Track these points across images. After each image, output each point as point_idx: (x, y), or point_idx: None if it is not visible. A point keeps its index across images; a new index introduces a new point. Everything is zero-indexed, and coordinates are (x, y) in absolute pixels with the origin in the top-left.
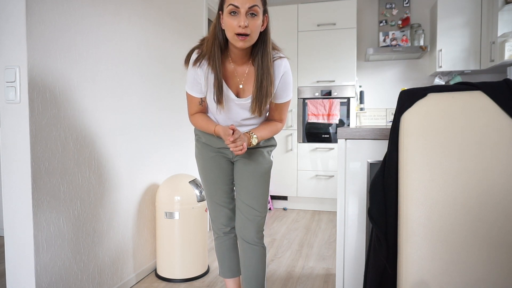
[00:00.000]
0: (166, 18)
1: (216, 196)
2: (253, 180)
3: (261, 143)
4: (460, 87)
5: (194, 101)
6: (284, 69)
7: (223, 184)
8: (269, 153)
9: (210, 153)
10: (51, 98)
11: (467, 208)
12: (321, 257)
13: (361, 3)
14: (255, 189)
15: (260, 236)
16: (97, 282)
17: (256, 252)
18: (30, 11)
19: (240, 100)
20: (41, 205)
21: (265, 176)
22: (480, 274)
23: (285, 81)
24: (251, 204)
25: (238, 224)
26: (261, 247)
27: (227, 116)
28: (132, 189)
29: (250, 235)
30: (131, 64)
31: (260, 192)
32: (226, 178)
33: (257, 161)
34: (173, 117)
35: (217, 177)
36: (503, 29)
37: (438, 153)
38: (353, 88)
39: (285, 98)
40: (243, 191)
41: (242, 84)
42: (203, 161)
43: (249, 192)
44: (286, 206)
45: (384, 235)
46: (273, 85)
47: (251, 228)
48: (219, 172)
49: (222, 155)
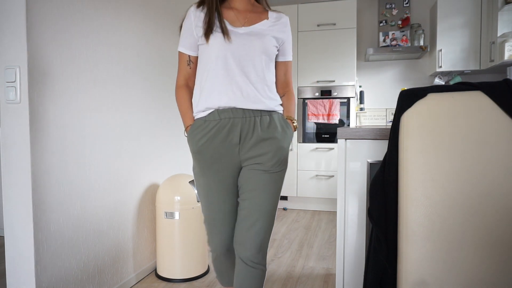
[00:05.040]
0: (167, 18)
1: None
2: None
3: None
4: (460, 87)
5: (182, 60)
6: (288, 20)
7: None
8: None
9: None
10: (51, 98)
11: (467, 208)
12: (321, 257)
13: (361, 3)
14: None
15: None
16: (97, 282)
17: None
18: (30, 11)
19: (247, 28)
20: (41, 205)
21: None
22: (480, 274)
23: (290, 33)
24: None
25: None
26: (260, 269)
27: (229, 65)
28: (132, 189)
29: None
30: (131, 64)
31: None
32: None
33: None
34: (173, 117)
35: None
36: (503, 29)
37: (438, 153)
38: (353, 88)
39: (290, 53)
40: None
41: (245, 24)
42: None
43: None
44: (286, 206)
45: (384, 235)
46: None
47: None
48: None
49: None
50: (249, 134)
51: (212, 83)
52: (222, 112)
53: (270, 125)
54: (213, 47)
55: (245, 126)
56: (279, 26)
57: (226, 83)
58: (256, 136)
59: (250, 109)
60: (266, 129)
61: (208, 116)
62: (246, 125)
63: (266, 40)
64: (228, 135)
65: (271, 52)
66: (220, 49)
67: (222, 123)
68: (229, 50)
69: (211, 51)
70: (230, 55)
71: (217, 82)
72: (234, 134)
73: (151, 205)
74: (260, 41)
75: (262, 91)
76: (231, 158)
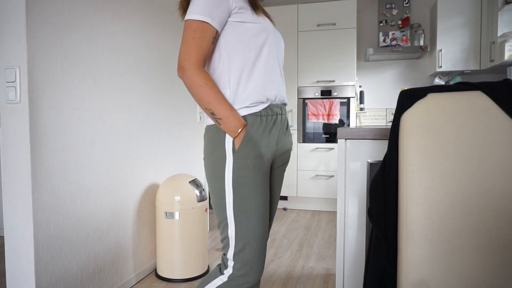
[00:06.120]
0: (167, 18)
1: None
2: None
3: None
4: (460, 87)
5: (206, 34)
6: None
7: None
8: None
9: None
10: (51, 98)
11: (467, 208)
12: (321, 257)
13: (361, 3)
14: None
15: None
16: (97, 282)
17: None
18: (30, 11)
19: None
20: (41, 205)
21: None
22: (480, 274)
23: None
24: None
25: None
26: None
27: (273, 52)
28: (132, 189)
29: None
30: (131, 64)
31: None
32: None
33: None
34: (173, 117)
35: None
36: (503, 29)
37: (438, 153)
38: (353, 88)
39: None
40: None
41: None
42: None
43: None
44: (286, 206)
45: (384, 235)
46: None
47: None
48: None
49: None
50: (283, 131)
51: (264, 71)
52: (275, 107)
53: (286, 122)
54: (265, 27)
55: (282, 123)
56: None
57: (276, 73)
58: (286, 134)
59: (285, 104)
60: (287, 126)
61: (263, 112)
62: (282, 122)
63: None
64: (274, 133)
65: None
66: (269, 31)
67: (277, 119)
68: (273, 37)
69: (261, 31)
70: (273, 42)
71: (267, 70)
72: (277, 131)
73: (151, 205)
74: (282, 38)
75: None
76: (270, 159)
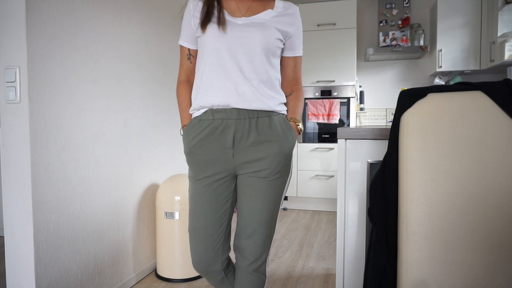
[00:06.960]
0: (167, 18)
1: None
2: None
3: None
4: (460, 87)
5: (183, 54)
6: (297, 11)
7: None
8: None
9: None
10: (51, 98)
11: (467, 208)
12: (321, 257)
13: (361, 3)
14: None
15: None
16: (97, 282)
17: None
18: (30, 11)
19: (247, 18)
20: (41, 205)
21: None
22: (480, 274)
23: (300, 25)
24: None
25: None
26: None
27: (223, 59)
28: (132, 189)
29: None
30: (131, 64)
31: None
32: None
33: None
34: (173, 117)
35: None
36: (503, 29)
37: (438, 153)
38: (353, 88)
39: (300, 47)
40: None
41: (245, 14)
42: None
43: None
44: (286, 206)
45: (384, 235)
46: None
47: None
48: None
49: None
50: (244, 137)
51: (207, 80)
52: (216, 112)
53: (269, 127)
54: (209, 39)
55: (239, 128)
56: (286, 17)
57: (220, 80)
58: (252, 139)
59: (246, 109)
60: (264, 132)
61: (203, 115)
62: (240, 127)
63: (267, 32)
64: (220, 137)
65: (273, 46)
66: (214, 40)
67: (215, 123)
68: (224, 42)
69: (206, 43)
70: (224, 47)
71: (211, 79)
72: (227, 136)
73: (151, 205)
74: (260, 33)
75: (260, 89)
76: (225, 163)
